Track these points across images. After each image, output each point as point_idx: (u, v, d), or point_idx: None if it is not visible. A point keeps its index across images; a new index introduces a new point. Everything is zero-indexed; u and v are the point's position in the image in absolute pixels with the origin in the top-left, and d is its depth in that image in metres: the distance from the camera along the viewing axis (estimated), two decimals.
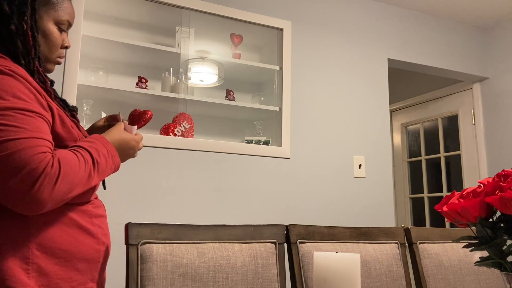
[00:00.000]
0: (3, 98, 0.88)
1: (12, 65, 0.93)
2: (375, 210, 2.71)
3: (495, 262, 0.84)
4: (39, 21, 1.03)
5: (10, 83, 0.90)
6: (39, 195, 0.86)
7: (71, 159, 0.92)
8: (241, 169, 2.40)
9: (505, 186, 0.81)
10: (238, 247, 1.25)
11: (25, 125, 0.88)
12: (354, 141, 2.75)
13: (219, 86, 2.60)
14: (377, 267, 1.46)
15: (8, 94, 0.89)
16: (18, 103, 0.89)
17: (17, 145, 0.85)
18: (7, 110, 0.87)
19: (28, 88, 0.93)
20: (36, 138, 0.88)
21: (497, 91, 3.28)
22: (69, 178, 0.90)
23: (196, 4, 2.39)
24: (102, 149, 1.00)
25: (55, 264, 0.94)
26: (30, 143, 0.87)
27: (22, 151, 0.85)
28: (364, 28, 2.91)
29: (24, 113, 0.89)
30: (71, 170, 0.91)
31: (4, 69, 0.90)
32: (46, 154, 0.88)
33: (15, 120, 0.87)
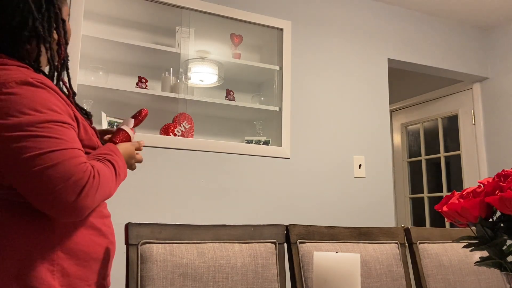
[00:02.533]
0: (40, 111, 0.92)
1: (41, 76, 0.97)
2: (375, 210, 2.71)
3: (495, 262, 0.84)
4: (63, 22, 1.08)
5: (43, 95, 0.94)
6: (83, 203, 0.92)
7: (105, 171, 0.99)
8: (241, 169, 2.40)
9: (505, 186, 0.81)
10: (238, 247, 1.25)
11: (64, 136, 0.93)
12: (354, 141, 2.75)
13: (219, 86, 2.60)
14: (377, 267, 1.46)
15: (44, 107, 0.93)
16: (54, 115, 0.93)
17: (60, 155, 0.90)
18: (46, 123, 0.91)
19: (58, 99, 0.97)
20: (75, 148, 0.94)
21: (497, 91, 3.28)
22: (105, 188, 0.97)
23: (196, 4, 2.39)
24: (120, 162, 1.07)
25: (75, 265, 0.99)
26: (72, 154, 0.92)
27: (67, 162, 0.90)
28: (364, 28, 2.91)
29: (61, 124, 0.94)
30: (106, 181, 0.98)
31: (35, 81, 0.94)
32: (87, 165, 0.94)
33: (55, 132, 0.92)
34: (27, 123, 0.90)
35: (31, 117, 0.90)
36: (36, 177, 0.88)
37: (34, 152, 0.89)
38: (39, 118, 0.91)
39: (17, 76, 0.93)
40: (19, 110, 0.90)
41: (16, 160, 0.89)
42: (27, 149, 0.89)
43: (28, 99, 0.92)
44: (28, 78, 0.93)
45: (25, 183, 0.90)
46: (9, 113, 0.90)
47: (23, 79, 0.93)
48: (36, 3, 1.00)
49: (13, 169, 0.90)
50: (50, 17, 1.03)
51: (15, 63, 0.98)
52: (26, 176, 0.89)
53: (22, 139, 0.89)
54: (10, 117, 0.89)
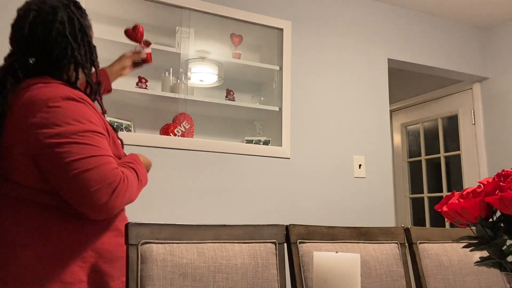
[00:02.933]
0: (81, 122, 1.06)
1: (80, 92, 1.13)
2: (375, 210, 2.71)
3: (495, 262, 0.84)
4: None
5: (84, 109, 1.09)
6: (114, 203, 1.06)
7: (132, 177, 1.14)
8: (241, 169, 2.40)
9: (505, 186, 0.81)
10: (238, 247, 1.25)
11: (100, 144, 1.07)
12: (354, 141, 2.75)
13: (219, 86, 2.60)
14: (377, 267, 1.46)
15: (84, 118, 1.07)
16: (93, 126, 1.08)
17: (97, 161, 1.04)
18: (86, 132, 1.06)
19: (95, 113, 1.13)
20: (108, 155, 1.08)
21: (497, 91, 3.28)
22: (131, 191, 1.12)
23: (196, 4, 2.39)
24: (141, 170, 1.23)
25: (102, 263, 1.12)
26: (106, 160, 1.06)
27: (102, 166, 1.04)
28: (364, 28, 2.91)
29: (97, 134, 1.09)
30: (132, 185, 1.12)
31: (77, 97, 1.09)
32: (118, 170, 1.08)
33: (93, 140, 1.06)
34: (70, 132, 1.04)
35: (74, 127, 1.05)
36: (75, 179, 1.02)
37: (74, 157, 1.03)
38: (80, 128, 1.05)
39: (62, 92, 1.09)
40: (63, 121, 1.04)
41: (59, 163, 1.03)
42: (68, 154, 1.03)
43: (71, 111, 1.06)
44: (71, 94, 1.09)
45: (66, 184, 1.04)
46: (55, 123, 1.04)
47: (67, 95, 1.08)
48: (72, 35, 1.17)
49: (56, 172, 1.04)
50: (84, 45, 1.21)
51: (57, 82, 1.14)
52: (67, 178, 1.03)
53: (65, 145, 1.03)
54: (56, 126, 1.04)
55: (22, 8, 1.20)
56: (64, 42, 1.16)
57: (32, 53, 1.16)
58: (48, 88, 1.10)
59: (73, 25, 1.19)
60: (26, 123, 1.05)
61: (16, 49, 1.18)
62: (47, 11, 1.16)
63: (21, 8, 1.21)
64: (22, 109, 1.07)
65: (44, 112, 1.05)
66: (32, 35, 1.14)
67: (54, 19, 1.15)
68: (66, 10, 1.19)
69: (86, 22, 1.26)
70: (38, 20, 1.15)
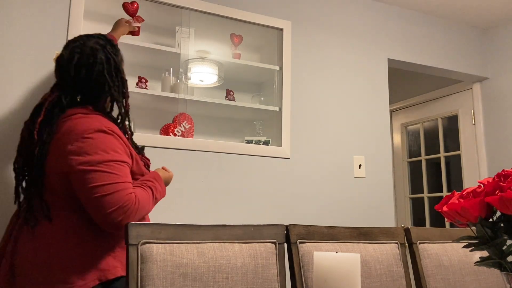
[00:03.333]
0: (108, 152, 1.30)
1: (111, 125, 1.37)
2: (375, 210, 2.71)
3: (495, 262, 0.84)
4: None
5: (111, 140, 1.32)
6: (126, 221, 1.28)
7: (145, 196, 1.36)
8: (241, 169, 2.40)
9: (505, 186, 0.81)
10: (238, 247, 1.25)
11: (120, 172, 1.30)
12: (354, 141, 2.75)
13: (219, 86, 2.60)
14: (377, 267, 1.46)
15: (110, 149, 1.31)
16: (116, 156, 1.31)
17: (115, 187, 1.27)
18: (110, 162, 1.29)
19: (121, 143, 1.36)
20: (126, 182, 1.31)
21: (497, 91, 3.28)
22: (142, 210, 1.34)
23: (196, 4, 2.39)
24: (158, 187, 1.46)
25: (121, 253, 1.38)
26: (123, 186, 1.29)
27: (119, 192, 1.28)
28: (364, 28, 2.91)
29: (120, 163, 1.31)
30: (144, 206, 1.35)
31: (107, 130, 1.33)
32: (132, 194, 1.30)
33: (115, 169, 1.29)
34: (97, 161, 1.27)
35: (100, 156, 1.28)
36: (96, 201, 1.26)
37: (97, 183, 1.26)
38: (105, 157, 1.28)
39: (95, 124, 1.32)
40: (93, 151, 1.28)
41: (85, 186, 1.27)
42: (93, 180, 1.26)
43: (100, 143, 1.30)
44: (102, 127, 1.32)
45: (89, 204, 1.28)
46: (86, 152, 1.28)
47: (99, 128, 1.31)
48: (109, 74, 1.42)
49: (82, 192, 1.28)
50: (119, 81, 1.46)
51: (95, 113, 1.40)
52: (90, 199, 1.27)
53: (91, 172, 1.26)
54: (86, 154, 1.28)
55: (67, 50, 1.43)
56: (103, 80, 1.41)
57: (77, 90, 1.42)
58: (86, 119, 1.34)
59: (110, 64, 1.43)
60: (65, 149, 1.29)
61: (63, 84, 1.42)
62: (88, 54, 1.40)
63: (66, 50, 1.43)
64: (63, 136, 1.32)
65: (79, 142, 1.29)
66: (77, 76, 1.39)
67: (94, 61, 1.40)
68: (104, 51, 1.43)
69: (119, 58, 1.49)
70: (81, 62, 1.39)
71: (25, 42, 2.01)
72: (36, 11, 2.05)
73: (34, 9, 2.05)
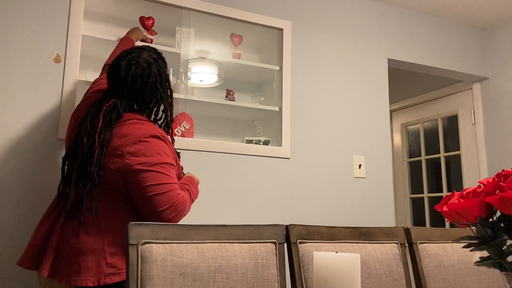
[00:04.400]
0: (161, 155, 1.44)
1: (162, 131, 1.52)
2: (375, 210, 2.71)
3: (495, 262, 0.84)
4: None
5: (164, 145, 1.47)
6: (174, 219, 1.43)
7: (187, 198, 1.51)
8: (241, 169, 2.40)
9: (505, 186, 0.81)
10: (238, 247, 1.25)
11: (170, 174, 1.45)
12: (354, 141, 2.75)
13: (219, 86, 2.60)
14: (377, 267, 1.46)
15: (163, 152, 1.45)
16: (167, 159, 1.46)
17: (167, 187, 1.42)
18: (164, 164, 1.43)
19: (170, 148, 1.50)
20: (175, 183, 1.46)
21: (497, 91, 3.28)
22: (186, 210, 1.48)
23: (196, 4, 2.39)
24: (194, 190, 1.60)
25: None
26: (173, 187, 1.44)
27: (170, 192, 1.42)
28: (364, 28, 2.91)
29: (170, 166, 1.46)
30: (187, 206, 1.49)
31: (160, 135, 1.47)
32: (180, 195, 1.45)
33: (166, 171, 1.44)
34: (153, 162, 1.41)
35: (155, 159, 1.42)
36: (150, 199, 1.40)
37: (152, 182, 1.40)
38: (159, 159, 1.43)
39: (150, 130, 1.46)
40: (149, 153, 1.42)
41: (140, 185, 1.40)
42: (148, 179, 1.40)
43: (155, 146, 1.44)
44: (156, 133, 1.47)
45: (142, 201, 1.41)
46: (143, 154, 1.41)
47: (154, 133, 1.46)
48: (162, 86, 1.58)
49: (137, 190, 1.41)
50: (168, 93, 1.62)
51: (147, 120, 1.53)
52: (144, 197, 1.40)
53: (147, 172, 1.40)
54: (143, 156, 1.41)
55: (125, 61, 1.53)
56: (155, 91, 1.56)
57: (132, 99, 1.54)
58: (141, 125, 1.48)
59: (162, 77, 1.58)
60: (123, 150, 1.42)
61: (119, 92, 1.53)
62: (144, 66, 1.53)
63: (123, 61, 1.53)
64: (121, 139, 1.44)
65: (137, 144, 1.42)
66: (133, 86, 1.52)
67: (149, 73, 1.53)
68: (157, 65, 1.57)
69: (167, 71, 1.63)
70: (137, 73, 1.52)
71: (25, 42, 2.01)
72: (36, 11, 2.05)
73: (34, 9, 2.05)
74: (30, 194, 1.92)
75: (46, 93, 2.02)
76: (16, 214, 1.89)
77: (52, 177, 1.97)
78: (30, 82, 2.00)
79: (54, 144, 2.00)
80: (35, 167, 1.95)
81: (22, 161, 1.93)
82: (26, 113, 1.97)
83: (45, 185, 1.95)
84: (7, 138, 1.92)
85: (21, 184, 1.92)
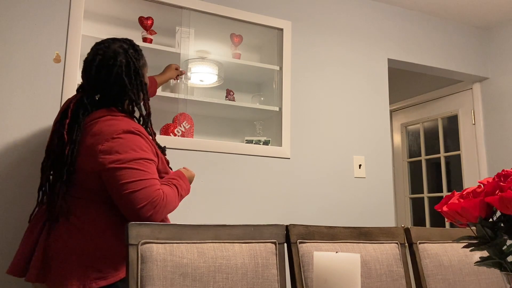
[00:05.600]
0: (136, 150, 1.37)
1: (138, 126, 1.44)
2: (375, 210, 2.71)
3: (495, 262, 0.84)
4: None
5: (139, 140, 1.39)
6: (155, 216, 1.36)
7: (171, 193, 1.43)
8: (241, 169, 2.40)
9: (505, 186, 0.81)
10: (238, 247, 1.25)
11: (148, 169, 1.38)
12: (354, 141, 2.75)
13: (219, 86, 2.60)
14: (377, 267, 1.46)
15: (139, 148, 1.38)
16: (144, 154, 1.38)
17: (144, 183, 1.35)
18: (139, 160, 1.36)
19: (148, 142, 1.43)
20: (154, 178, 1.38)
21: (497, 91, 3.28)
22: (169, 206, 1.41)
23: (196, 4, 2.39)
24: (183, 185, 1.53)
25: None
26: (151, 183, 1.36)
27: (147, 188, 1.35)
28: (364, 28, 2.91)
29: (148, 161, 1.39)
30: (171, 201, 1.42)
31: (135, 130, 1.40)
32: (159, 191, 1.37)
33: (142, 166, 1.36)
34: (127, 159, 1.35)
35: (130, 155, 1.35)
36: (127, 197, 1.33)
37: (127, 179, 1.33)
38: (134, 155, 1.36)
39: (123, 126, 1.39)
40: (123, 150, 1.35)
41: (116, 183, 1.34)
42: (123, 177, 1.33)
43: (129, 142, 1.37)
44: (130, 128, 1.39)
45: (120, 200, 1.35)
46: (117, 151, 1.35)
47: (127, 129, 1.39)
48: (128, 77, 1.47)
49: (113, 189, 1.35)
50: (137, 85, 1.50)
51: (122, 115, 1.46)
52: (121, 195, 1.34)
53: (122, 170, 1.34)
54: (117, 153, 1.35)
55: (92, 51, 1.49)
56: (121, 82, 1.46)
57: (97, 91, 1.48)
58: (114, 121, 1.41)
59: (129, 67, 1.48)
60: (95, 149, 1.36)
61: (86, 86, 1.49)
62: (110, 56, 1.46)
63: (90, 51, 1.49)
64: (93, 137, 1.38)
65: (110, 142, 1.36)
66: (97, 77, 1.45)
67: (114, 63, 1.45)
68: (125, 55, 1.48)
69: (141, 63, 1.53)
70: (102, 63, 1.45)
71: (25, 42, 2.01)
72: (36, 11, 2.05)
73: (34, 9, 2.05)
74: (30, 196, 1.92)
75: (46, 93, 2.02)
76: (15, 217, 1.89)
77: None
78: (30, 82, 2.00)
79: None
80: (35, 168, 1.95)
81: (22, 162, 1.93)
82: (26, 113, 1.97)
83: None
84: (7, 138, 1.92)
85: (21, 184, 1.91)
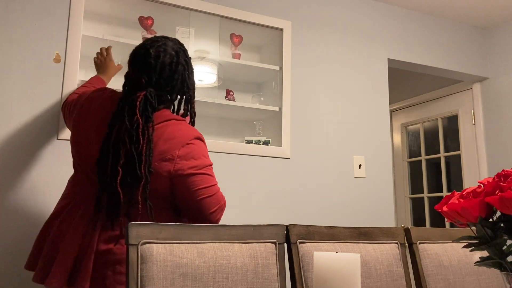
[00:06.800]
0: (206, 157, 1.43)
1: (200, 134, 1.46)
2: (375, 210, 2.71)
3: (495, 262, 0.84)
4: None
5: (205, 147, 1.46)
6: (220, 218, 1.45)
7: None
8: (241, 169, 2.40)
9: (505, 186, 0.81)
10: (238, 247, 1.25)
11: (214, 175, 1.45)
12: (354, 141, 2.75)
13: (219, 86, 2.60)
14: (377, 267, 1.46)
15: (206, 154, 1.44)
16: (210, 161, 1.45)
17: (214, 189, 1.42)
18: (209, 166, 1.42)
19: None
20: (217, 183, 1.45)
21: (497, 91, 3.28)
22: None
23: (196, 4, 2.39)
24: None
25: None
26: (218, 188, 1.44)
27: (217, 193, 1.43)
28: (364, 28, 2.91)
29: (212, 167, 1.45)
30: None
31: (202, 137, 1.45)
32: (223, 195, 1.46)
33: (211, 172, 1.43)
34: (202, 165, 1.40)
35: (202, 161, 1.40)
36: (199, 202, 1.38)
37: (202, 185, 1.39)
38: (205, 162, 1.41)
39: (194, 132, 1.43)
40: (197, 156, 1.40)
41: (191, 189, 1.38)
42: (199, 182, 1.38)
43: (200, 148, 1.42)
44: (198, 134, 1.44)
45: (192, 205, 1.39)
46: (192, 157, 1.38)
47: (197, 135, 1.43)
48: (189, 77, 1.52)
49: (187, 194, 1.38)
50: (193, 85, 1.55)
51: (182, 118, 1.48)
52: (194, 200, 1.38)
53: (198, 175, 1.39)
54: (192, 159, 1.38)
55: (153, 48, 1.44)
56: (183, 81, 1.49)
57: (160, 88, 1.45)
58: (182, 126, 1.43)
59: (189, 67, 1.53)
60: (173, 154, 1.36)
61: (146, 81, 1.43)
62: (172, 54, 1.46)
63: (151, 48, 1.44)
64: (167, 142, 1.37)
65: (185, 147, 1.38)
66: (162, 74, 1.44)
67: (178, 62, 1.47)
68: (184, 54, 1.51)
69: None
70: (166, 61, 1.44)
71: (25, 42, 2.01)
72: (36, 11, 2.05)
73: (34, 9, 2.05)
74: (30, 195, 1.92)
75: (46, 93, 2.02)
76: (16, 215, 1.89)
77: (52, 178, 1.97)
78: (30, 82, 2.00)
79: (54, 144, 2.00)
80: (35, 168, 1.95)
81: (22, 162, 1.93)
82: (26, 113, 1.97)
83: (45, 186, 1.95)
84: (7, 138, 1.92)
85: (21, 184, 1.92)
